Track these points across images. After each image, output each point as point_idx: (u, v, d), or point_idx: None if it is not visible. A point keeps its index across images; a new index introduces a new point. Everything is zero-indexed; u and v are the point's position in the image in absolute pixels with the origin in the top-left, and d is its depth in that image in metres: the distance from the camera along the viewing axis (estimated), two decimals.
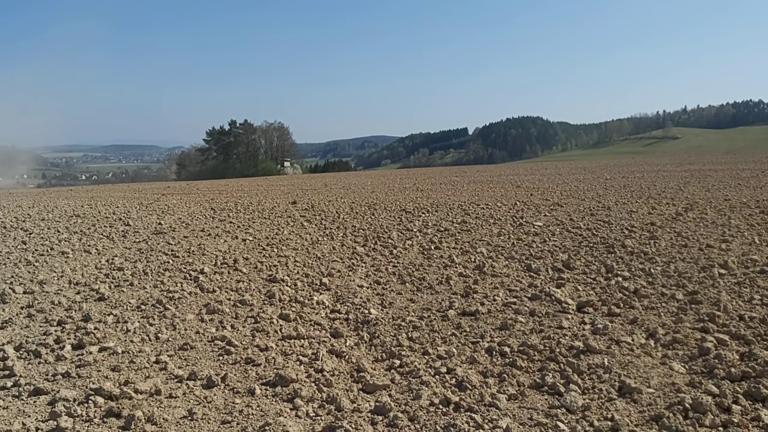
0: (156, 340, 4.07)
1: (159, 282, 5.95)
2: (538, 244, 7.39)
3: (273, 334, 4.15)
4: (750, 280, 5.10)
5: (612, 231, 8.27)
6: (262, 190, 24.56)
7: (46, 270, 6.78)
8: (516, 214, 10.89)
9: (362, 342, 3.96)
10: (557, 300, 4.66)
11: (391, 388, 3.14)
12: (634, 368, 3.24)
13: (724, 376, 3.06)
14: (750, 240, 7.10)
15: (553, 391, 3.00)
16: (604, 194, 15.48)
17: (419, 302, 4.91)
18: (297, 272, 6.31)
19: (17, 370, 3.46)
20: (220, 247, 8.19)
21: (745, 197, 12.75)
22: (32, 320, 4.66)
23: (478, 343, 3.81)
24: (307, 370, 3.41)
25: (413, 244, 7.83)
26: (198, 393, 3.14)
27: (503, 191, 18.68)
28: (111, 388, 3.09)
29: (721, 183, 18.29)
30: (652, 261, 6.10)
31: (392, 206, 13.60)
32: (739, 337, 3.64)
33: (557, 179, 25.87)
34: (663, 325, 3.99)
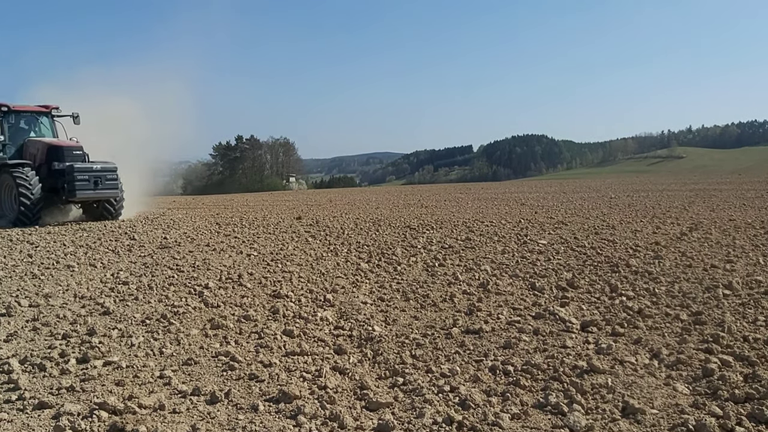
0: (160, 355, 4.08)
1: (164, 296, 5.98)
2: (542, 263, 7.39)
3: (277, 350, 4.15)
4: (754, 301, 5.09)
5: (616, 250, 8.27)
6: (267, 206, 24.64)
7: (51, 283, 6.82)
8: (520, 231, 10.89)
9: (366, 359, 3.96)
10: (561, 319, 4.66)
11: (394, 406, 3.14)
12: (637, 388, 3.23)
13: (727, 398, 3.05)
14: (755, 261, 7.09)
15: (556, 410, 3.00)
16: (609, 213, 15.48)
17: (423, 319, 4.91)
18: (301, 288, 6.32)
19: (22, 384, 3.48)
20: (224, 262, 8.22)
21: (750, 217, 12.72)
22: (37, 333, 4.69)
23: (482, 361, 3.81)
24: (310, 387, 3.41)
25: (417, 260, 7.84)
26: (201, 408, 3.15)
27: (508, 209, 18.69)
28: (115, 402, 3.10)
29: (726, 203, 18.26)
30: (657, 281, 6.09)
31: (397, 223, 13.63)
32: (743, 359, 3.63)
33: (562, 197, 25.87)
34: (667, 345, 3.99)
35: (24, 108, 17.65)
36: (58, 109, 18.18)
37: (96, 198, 16.61)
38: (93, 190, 16.13)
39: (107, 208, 17.30)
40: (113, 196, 17.00)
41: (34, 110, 17.84)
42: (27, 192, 15.43)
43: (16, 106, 17.26)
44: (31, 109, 17.81)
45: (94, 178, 16.00)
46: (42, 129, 18.07)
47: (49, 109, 17.99)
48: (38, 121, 17.94)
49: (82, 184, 15.81)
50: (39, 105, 18.14)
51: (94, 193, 16.25)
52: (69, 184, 15.70)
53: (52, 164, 16.25)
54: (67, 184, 15.76)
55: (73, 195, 15.81)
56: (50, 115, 18.11)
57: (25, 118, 17.77)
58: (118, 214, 17.60)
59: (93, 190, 16.13)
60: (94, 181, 16.01)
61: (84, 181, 15.82)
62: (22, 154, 17.06)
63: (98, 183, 16.08)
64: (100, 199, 16.79)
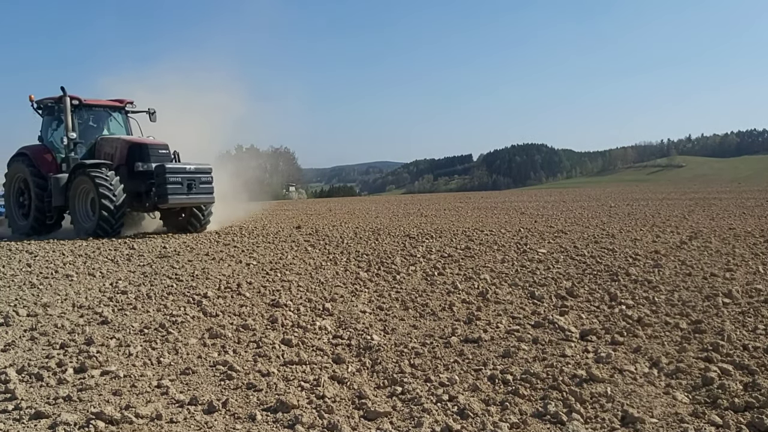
0: (158, 365, 4.06)
1: (162, 306, 5.96)
2: (541, 272, 7.38)
3: (275, 359, 4.14)
4: (754, 309, 5.08)
5: (616, 259, 8.26)
6: (267, 215, 24.64)
7: (50, 293, 6.80)
8: (520, 240, 10.89)
9: (364, 368, 3.95)
10: (560, 328, 4.64)
11: (393, 416, 3.13)
12: (637, 397, 3.22)
13: (727, 407, 3.03)
14: (754, 269, 7.08)
15: (555, 420, 2.99)
16: (609, 222, 15.47)
17: (422, 328, 4.90)
18: (300, 297, 6.31)
19: (19, 393, 3.46)
20: (223, 271, 8.21)
21: (750, 226, 12.72)
22: (35, 343, 4.67)
23: (481, 370, 3.79)
24: (308, 396, 3.40)
25: (417, 269, 7.83)
26: (199, 418, 3.13)
27: (507, 218, 18.68)
28: (112, 412, 3.09)
29: (726, 212, 18.27)
30: (656, 289, 6.08)
31: (396, 232, 13.63)
32: (742, 367, 3.61)
33: (561, 206, 25.87)
34: (666, 354, 3.97)
35: (96, 102, 15.80)
36: (133, 104, 16.37)
37: (189, 204, 14.43)
38: (186, 195, 13.81)
39: (195, 217, 15.03)
40: (207, 202, 14.73)
41: (107, 105, 16.02)
42: (109, 197, 13.33)
43: (87, 100, 15.40)
44: (103, 103, 15.99)
45: (187, 180, 13.76)
46: (114, 126, 16.13)
47: (123, 104, 16.19)
48: (111, 117, 16.13)
49: (175, 187, 13.54)
50: (112, 99, 16.32)
51: (188, 199, 13.95)
52: (159, 188, 13.56)
53: (135, 165, 14.17)
54: (156, 188, 13.66)
55: (164, 200, 13.58)
56: (124, 111, 16.27)
57: (97, 113, 15.91)
58: (206, 223, 15.39)
59: (186, 195, 13.81)
60: (188, 185, 13.75)
61: (176, 185, 13.57)
62: (94, 154, 15.14)
63: (192, 187, 13.81)
64: (192, 205, 14.63)
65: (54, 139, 15.57)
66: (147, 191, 14.06)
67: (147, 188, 14.04)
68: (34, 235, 14.79)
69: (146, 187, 14.05)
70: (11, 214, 16.15)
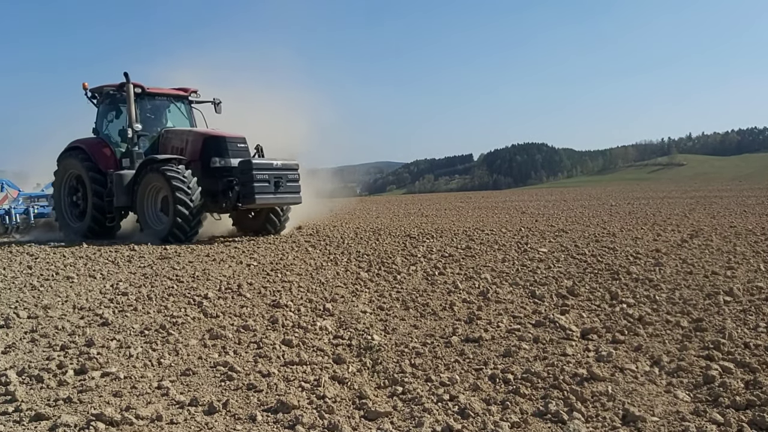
0: (158, 366, 4.06)
1: (163, 307, 5.96)
2: (542, 271, 7.37)
3: (275, 359, 4.14)
4: (755, 307, 5.07)
5: (617, 257, 8.25)
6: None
7: (50, 295, 6.80)
8: (521, 240, 10.88)
9: (365, 368, 3.94)
10: (561, 327, 4.64)
11: (393, 416, 3.12)
12: (638, 396, 3.21)
13: (728, 405, 3.03)
14: (756, 267, 7.07)
15: (556, 419, 2.98)
16: (610, 221, 15.47)
17: (422, 328, 4.89)
18: (301, 297, 6.31)
19: (19, 395, 3.46)
20: (224, 272, 8.21)
21: (751, 224, 12.71)
22: (35, 345, 4.67)
23: (482, 369, 3.79)
24: (308, 397, 3.39)
25: (417, 269, 7.82)
26: (199, 419, 3.13)
27: (508, 217, 18.69)
28: (112, 413, 3.09)
29: (727, 210, 18.26)
30: (657, 288, 6.07)
31: (397, 232, 13.62)
32: (744, 365, 3.61)
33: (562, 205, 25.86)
34: (668, 352, 3.97)
35: (159, 90, 14.33)
36: (197, 93, 14.83)
37: (276, 204, 13.05)
38: (273, 195, 12.29)
39: (273, 216, 13.65)
40: (295, 203, 13.24)
41: (170, 93, 14.54)
42: (186, 197, 11.84)
43: (150, 88, 13.99)
44: (167, 92, 14.51)
45: (274, 178, 12.24)
46: (176, 117, 14.64)
47: (187, 93, 14.70)
48: (174, 107, 14.67)
49: (262, 186, 12.04)
50: (175, 87, 14.81)
51: (275, 198, 12.47)
52: (244, 186, 12.07)
53: (212, 160, 12.61)
54: (240, 186, 12.17)
55: (250, 200, 12.08)
56: (187, 101, 14.76)
57: (159, 103, 14.47)
58: (284, 225, 14.00)
59: (273, 195, 12.29)
60: (275, 183, 12.24)
61: (263, 183, 12.07)
62: (158, 148, 13.61)
63: (279, 185, 12.30)
64: (279, 205, 13.30)
65: (110, 131, 14.14)
66: (224, 190, 12.50)
67: (225, 187, 12.49)
68: (91, 239, 13.33)
69: (223, 186, 12.50)
70: (62, 216, 14.50)
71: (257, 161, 12.38)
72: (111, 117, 14.29)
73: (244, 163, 12.23)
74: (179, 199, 11.79)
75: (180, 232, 12.01)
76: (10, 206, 16.93)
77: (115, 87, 13.74)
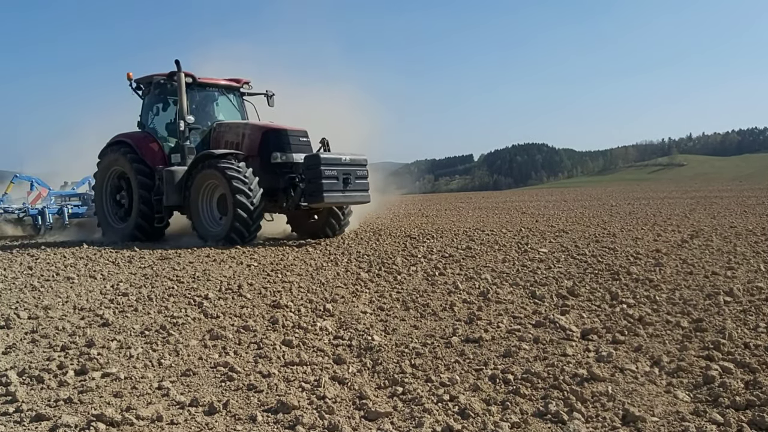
0: (159, 366, 4.06)
1: (163, 308, 5.96)
2: (542, 271, 7.38)
3: (276, 360, 4.14)
4: (755, 307, 5.07)
5: (617, 258, 8.25)
6: None
7: (51, 295, 6.81)
8: (521, 240, 10.88)
9: (365, 369, 3.94)
10: (561, 327, 4.64)
11: (393, 416, 3.12)
12: (638, 396, 3.21)
13: (728, 405, 3.03)
14: (756, 267, 7.07)
15: (556, 419, 2.98)
16: (610, 221, 15.47)
17: (423, 329, 4.89)
18: (301, 298, 6.31)
19: (20, 396, 3.46)
20: (224, 272, 8.21)
21: (751, 224, 12.71)
22: (36, 345, 4.67)
23: (482, 370, 3.79)
24: (309, 397, 3.39)
25: (417, 270, 7.83)
26: (199, 419, 3.13)
27: (508, 217, 18.69)
28: (113, 414, 3.09)
29: (727, 210, 18.27)
30: (658, 288, 6.08)
31: (397, 232, 13.62)
32: (744, 365, 3.61)
33: (563, 206, 25.88)
34: (668, 352, 3.97)
35: (211, 81, 13.30)
36: (250, 84, 13.90)
37: (344, 203, 12.03)
38: (341, 193, 11.26)
39: (334, 217, 12.55)
40: (363, 202, 12.16)
41: (222, 84, 13.55)
42: (246, 196, 10.94)
43: (202, 78, 13.00)
44: (219, 82, 13.50)
45: (342, 174, 11.19)
46: (227, 109, 13.69)
47: (240, 84, 13.75)
48: (223, 99, 13.73)
49: (331, 183, 10.99)
50: (227, 78, 13.76)
51: (343, 197, 11.41)
52: (312, 184, 11.01)
53: (272, 156, 11.68)
54: (307, 184, 11.13)
55: (318, 198, 11.03)
56: (239, 92, 13.87)
57: (209, 94, 13.53)
58: (346, 225, 12.97)
59: (341, 193, 11.26)
60: (343, 180, 11.20)
61: (332, 180, 11.01)
62: (210, 143, 12.68)
63: (348, 182, 11.26)
64: (347, 204, 12.27)
65: (156, 124, 13.26)
66: (286, 188, 11.65)
67: (286, 184, 11.64)
68: (137, 241, 12.41)
69: (285, 183, 11.65)
70: (104, 216, 13.46)
71: (325, 156, 11.27)
72: (157, 110, 13.41)
73: (312, 158, 11.20)
74: (239, 201, 10.89)
75: (238, 235, 11.13)
76: (44, 206, 15.96)
77: (164, 76, 12.69)
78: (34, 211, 15.56)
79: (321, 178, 10.86)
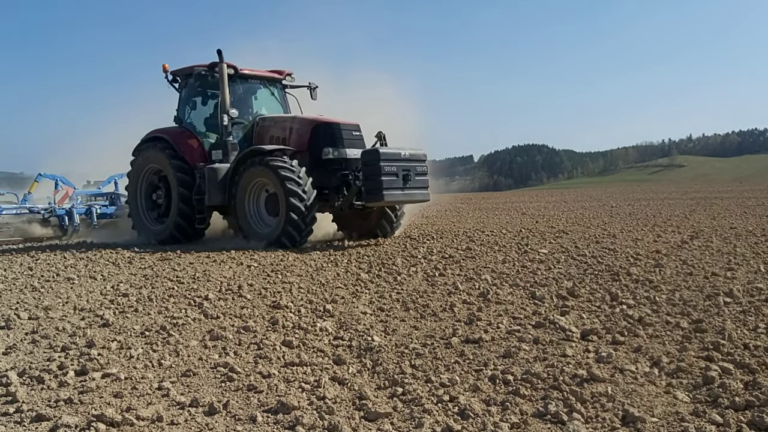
0: (159, 367, 4.07)
1: (163, 308, 5.97)
2: (542, 272, 7.38)
3: (276, 360, 4.14)
4: (755, 308, 5.08)
5: (617, 259, 8.25)
6: None
7: (51, 296, 6.81)
8: (521, 241, 10.88)
9: (365, 369, 3.95)
10: (561, 328, 4.64)
11: (393, 416, 3.13)
12: (637, 397, 3.22)
13: (728, 405, 3.03)
14: (756, 268, 7.07)
15: (556, 419, 2.99)
16: (610, 222, 15.47)
17: (423, 329, 4.90)
18: (301, 299, 6.32)
19: (20, 396, 3.47)
20: (225, 273, 8.21)
21: (751, 225, 12.72)
22: (36, 346, 4.68)
23: (482, 370, 3.80)
24: (309, 398, 3.40)
25: (417, 270, 7.83)
26: (200, 420, 3.13)
27: (508, 218, 18.70)
28: (113, 414, 3.09)
29: (727, 211, 18.27)
30: (657, 289, 6.08)
31: (397, 233, 13.61)
32: (743, 366, 3.61)
33: (563, 207, 25.89)
34: (667, 353, 3.97)
35: (253, 72, 12.61)
36: (292, 76, 13.15)
37: (405, 201, 11.28)
38: (401, 191, 10.42)
39: (386, 218, 11.80)
40: (424, 200, 11.44)
41: (265, 76, 12.86)
42: (300, 199, 10.26)
43: (243, 69, 12.30)
44: (261, 73, 12.80)
45: (402, 171, 10.38)
46: (269, 102, 13.01)
47: (282, 75, 13.02)
48: (264, 92, 13.05)
49: (390, 180, 10.18)
50: (269, 69, 13.12)
51: (403, 195, 10.59)
52: (370, 181, 10.21)
53: (323, 151, 10.92)
54: (365, 181, 10.35)
55: (377, 197, 10.24)
56: (281, 84, 13.15)
57: (251, 86, 12.86)
58: (397, 226, 12.24)
59: (401, 191, 10.42)
60: (403, 176, 10.37)
61: (392, 176, 10.20)
62: (252, 138, 11.94)
63: (407, 179, 10.43)
64: (408, 203, 11.60)
65: (194, 119, 12.55)
66: (338, 186, 10.97)
67: (338, 182, 10.96)
68: (176, 243, 11.69)
69: (337, 181, 10.96)
70: (139, 217, 12.71)
71: (385, 150, 10.41)
72: (194, 104, 12.64)
73: (370, 153, 10.41)
74: (292, 204, 10.19)
75: (289, 239, 10.45)
76: (71, 205, 15.27)
77: (205, 67, 11.90)
78: (61, 211, 14.75)
79: (380, 175, 10.05)
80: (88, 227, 14.97)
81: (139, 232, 12.71)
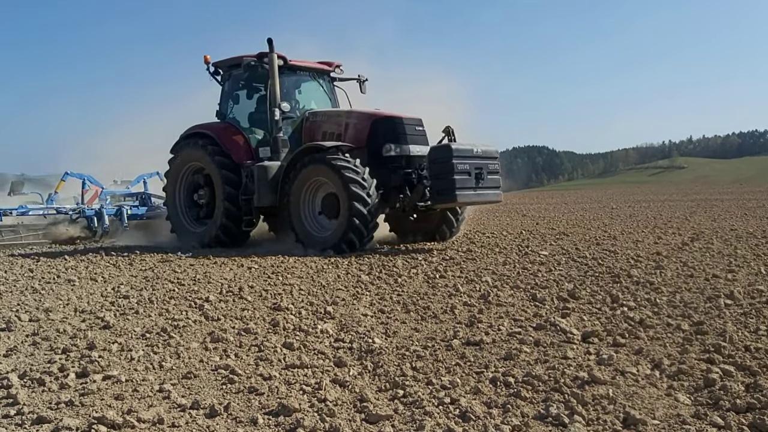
0: (160, 369, 4.07)
1: (164, 310, 5.97)
2: (543, 274, 7.38)
3: (276, 363, 4.14)
4: (756, 310, 5.08)
5: (618, 260, 8.25)
6: None
7: (52, 298, 6.81)
8: (522, 243, 10.88)
9: (366, 371, 3.95)
10: (562, 330, 4.64)
11: (394, 419, 3.13)
12: (639, 399, 3.22)
13: (729, 408, 3.03)
14: (756, 270, 7.07)
15: (557, 422, 2.98)
16: (611, 224, 15.48)
17: (423, 331, 4.90)
18: (302, 300, 6.32)
19: (21, 398, 3.46)
20: (225, 275, 8.22)
21: (752, 227, 12.72)
22: (37, 348, 4.68)
23: (483, 373, 3.79)
24: (310, 400, 3.40)
25: (418, 272, 7.83)
26: (200, 422, 3.13)
27: (509, 220, 18.70)
28: (114, 417, 3.09)
29: (728, 213, 18.27)
30: (658, 291, 6.08)
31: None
32: (744, 368, 3.61)
33: (563, 208, 25.90)
34: (668, 355, 3.97)
35: (303, 63, 11.89)
36: (341, 68, 12.38)
37: (478, 202, 10.66)
38: (474, 191, 9.70)
39: (446, 220, 11.10)
40: (497, 201, 10.74)
41: (314, 67, 12.14)
42: (364, 203, 9.54)
43: (293, 61, 11.55)
44: (310, 65, 12.07)
45: (475, 169, 9.62)
46: (317, 95, 12.34)
47: (332, 67, 12.27)
48: (312, 84, 12.38)
49: (463, 179, 9.45)
50: (318, 61, 12.37)
51: (476, 195, 9.85)
52: (441, 180, 9.47)
53: (384, 148, 10.18)
54: (434, 180, 9.64)
55: (449, 197, 9.57)
56: (329, 77, 12.45)
57: (300, 79, 12.16)
58: (457, 231, 11.50)
59: (474, 191, 9.70)
60: (476, 175, 9.62)
61: (464, 175, 9.47)
62: (302, 134, 11.28)
63: (480, 178, 9.67)
64: (480, 204, 11.17)
65: (236, 114, 11.85)
66: (401, 185, 10.20)
67: (400, 181, 10.19)
68: (221, 246, 11.14)
69: (399, 180, 10.18)
70: (179, 219, 11.99)
71: (457, 147, 9.61)
72: (239, 97, 11.98)
73: (440, 150, 9.64)
74: (356, 208, 9.48)
75: (349, 245, 9.73)
76: (101, 206, 14.48)
77: (253, 58, 11.06)
78: (90, 211, 13.90)
79: (453, 174, 9.27)
80: (119, 229, 14.19)
81: (179, 235, 12.00)
